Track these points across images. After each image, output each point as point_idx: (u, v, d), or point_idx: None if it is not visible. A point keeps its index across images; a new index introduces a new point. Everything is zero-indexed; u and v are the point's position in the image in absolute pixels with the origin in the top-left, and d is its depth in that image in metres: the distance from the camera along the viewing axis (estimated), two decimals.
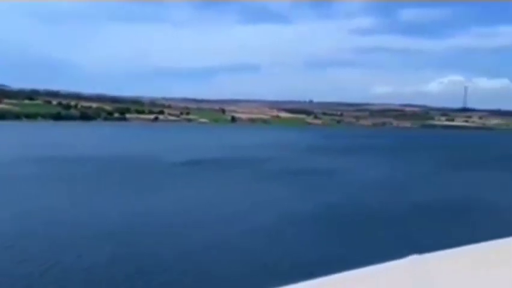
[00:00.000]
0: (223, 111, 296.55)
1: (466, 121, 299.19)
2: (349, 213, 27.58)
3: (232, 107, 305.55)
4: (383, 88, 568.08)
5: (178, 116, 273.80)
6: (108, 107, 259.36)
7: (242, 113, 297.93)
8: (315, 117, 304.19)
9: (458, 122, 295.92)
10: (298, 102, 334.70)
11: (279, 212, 27.48)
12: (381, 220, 26.03)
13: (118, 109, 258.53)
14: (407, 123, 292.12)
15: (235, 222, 24.69)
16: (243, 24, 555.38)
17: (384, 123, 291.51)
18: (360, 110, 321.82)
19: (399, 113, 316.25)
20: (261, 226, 23.59)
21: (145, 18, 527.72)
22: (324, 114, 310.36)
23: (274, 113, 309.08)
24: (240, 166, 52.13)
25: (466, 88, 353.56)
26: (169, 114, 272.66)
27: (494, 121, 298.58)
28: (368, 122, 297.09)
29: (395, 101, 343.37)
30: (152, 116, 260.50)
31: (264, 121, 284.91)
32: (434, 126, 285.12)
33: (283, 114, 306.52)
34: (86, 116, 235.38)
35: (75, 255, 17.59)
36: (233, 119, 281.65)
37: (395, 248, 16.64)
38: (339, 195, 34.25)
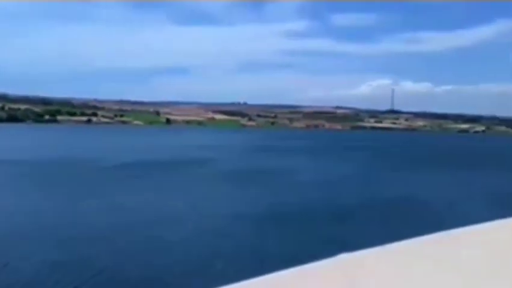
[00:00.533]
0: (158, 113, 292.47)
1: (394, 123, 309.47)
2: (285, 213, 27.88)
3: (167, 109, 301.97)
4: (316, 91, 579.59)
5: (112, 118, 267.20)
6: (37, 109, 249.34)
7: (177, 115, 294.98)
8: (250, 119, 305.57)
9: (386, 124, 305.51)
10: (233, 104, 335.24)
11: (214, 212, 27.52)
12: (315, 219, 26.50)
13: (48, 111, 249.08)
14: (338, 125, 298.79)
15: (175, 223, 24.49)
16: (177, 26, 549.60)
17: (317, 125, 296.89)
18: (294, 112, 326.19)
19: (331, 115, 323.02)
20: (198, 227, 23.51)
21: (75, 18, 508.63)
22: (259, 116, 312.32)
23: (210, 115, 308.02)
24: (179, 168, 51.60)
25: (393, 91, 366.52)
26: (103, 116, 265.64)
27: (419, 123, 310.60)
28: (301, 124, 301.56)
29: (327, 103, 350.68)
30: (85, 118, 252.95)
31: (200, 123, 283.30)
32: (364, 127, 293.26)
33: (218, 116, 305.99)
34: (14, 118, 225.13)
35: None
36: (168, 121, 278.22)
37: (326, 246, 16.97)
38: (275, 195, 34.59)
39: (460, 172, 56.60)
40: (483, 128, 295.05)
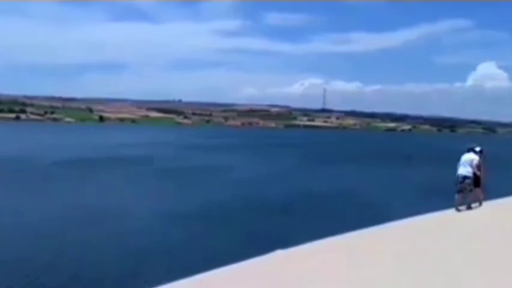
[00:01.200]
0: (91, 110, 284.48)
1: (325, 121, 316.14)
2: (220, 210, 27.90)
3: (100, 106, 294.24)
4: (250, 89, 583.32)
5: (42, 115, 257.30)
6: None
7: (110, 112, 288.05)
8: (185, 117, 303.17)
9: (318, 122, 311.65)
10: (168, 101, 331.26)
11: (146, 210, 27.15)
12: (251, 215, 26.67)
13: None
14: (272, 123, 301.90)
15: (106, 222, 23.89)
16: (109, 22, 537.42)
17: (251, 123, 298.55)
18: (229, 110, 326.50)
19: (265, 113, 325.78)
20: (131, 226, 23.10)
21: (4, 12, 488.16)
22: (194, 114, 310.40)
23: (144, 112, 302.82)
24: (112, 166, 50.42)
25: (324, 90, 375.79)
26: (32, 113, 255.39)
27: (349, 121, 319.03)
28: (236, 122, 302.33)
29: (262, 101, 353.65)
30: (13, 115, 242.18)
31: (133, 121, 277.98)
32: (297, 125, 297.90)
33: (153, 114, 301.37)
34: None
35: None
36: (101, 119, 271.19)
37: (261, 243, 17.13)
38: (210, 193, 34.50)
39: (388, 167, 58.70)
40: (409, 126, 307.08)
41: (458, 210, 13.93)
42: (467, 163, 13.82)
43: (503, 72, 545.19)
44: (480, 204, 14.11)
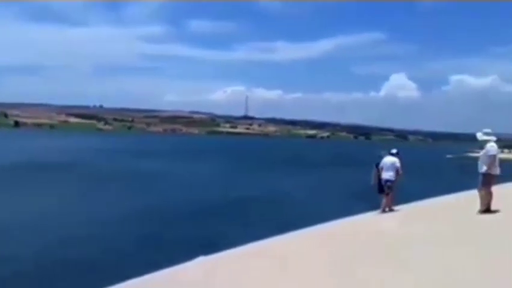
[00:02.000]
0: (5, 115, 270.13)
1: (248, 128, 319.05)
2: (143, 216, 27.23)
3: (16, 111, 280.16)
4: (173, 96, 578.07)
5: None
6: None
7: (27, 117, 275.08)
8: (106, 123, 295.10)
9: (241, 129, 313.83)
10: (88, 107, 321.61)
11: (69, 217, 26.02)
12: (174, 222, 26.20)
13: None
14: (195, 130, 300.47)
15: (27, 230, 22.64)
16: (26, 25, 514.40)
17: (174, 130, 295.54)
18: (151, 116, 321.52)
19: (189, 120, 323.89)
20: (53, 233, 22.03)
21: None
22: (116, 120, 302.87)
23: (63, 117, 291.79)
24: (27, 172, 47.91)
25: (247, 98, 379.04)
26: None
27: (271, 128, 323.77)
28: (158, 128, 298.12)
29: (184, 108, 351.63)
30: None
31: (52, 126, 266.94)
32: (220, 132, 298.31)
33: (72, 120, 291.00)
34: None
35: None
36: (16, 124, 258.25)
37: (185, 249, 16.82)
38: (132, 199, 33.71)
39: (310, 172, 60.03)
40: (328, 133, 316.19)
41: (384, 211, 14.37)
42: (390, 166, 14.22)
43: (413, 83, 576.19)
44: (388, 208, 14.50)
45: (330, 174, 59.36)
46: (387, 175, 14.19)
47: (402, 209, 14.59)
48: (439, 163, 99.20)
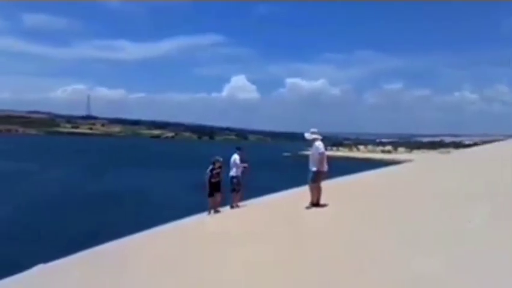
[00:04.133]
0: None
1: (91, 128, 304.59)
2: None
3: None
4: (6, 93, 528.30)
5: None
6: None
7: None
8: None
9: (83, 129, 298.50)
10: None
11: None
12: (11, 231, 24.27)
13: None
14: (33, 130, 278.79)
15: None
16: None
17: (9, 130, 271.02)
18: None
19: (26, 120, 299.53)
20: None
21: None
22: None
23: None
24: None
25: (88, 97, 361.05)
26: None
27: (115, 128, 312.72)
28: None
29: (20, 107, 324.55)
30: None
31: None
32: (61, 133, 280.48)
33: None
34: None
35: None
36: None
37: (23, 258, 15.58)
38: None
39: (157, 171, 59.29)
40: (172, 134, 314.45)
41: (233, 207, 14.66)
42: (232, 164, 14.54)
43: (252, 85, 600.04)
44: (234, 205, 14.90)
45: (181, 172, 59.30)
46: (231, 172, 14.55)
47: (244, 206, 15.07)
48: (277, 161, 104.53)
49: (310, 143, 12.18)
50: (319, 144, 12.03)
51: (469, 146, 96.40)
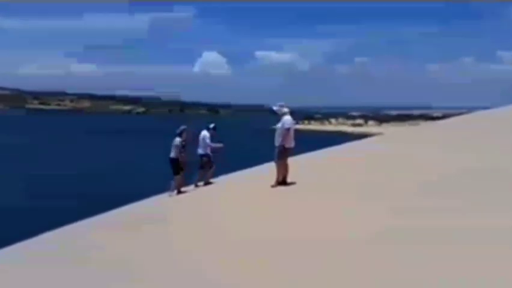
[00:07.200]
0: None
1: (59, 104, 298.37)
2: None
3: None
4: None
5: None
6: None
7: None
8: None
9: (52, 106, 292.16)
10: None
11: None
12: None
13: None
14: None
15: None
16: None
17: None
18: None
19: None
20: None
21: None
22: None
23: None
24: None
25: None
26: None
27: (85, 104, 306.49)
28: None
29: None
30: None
31: None
32: (29, 109, 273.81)
33: None
34: None
35: None
36: None
37: None
38: None
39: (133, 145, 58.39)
40: (143, 109, 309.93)
41: (197, 186, 14.13)
42: (201, 141, 13.94)
43: (223, 58, 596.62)
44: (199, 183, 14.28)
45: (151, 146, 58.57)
46: (200, 150, 13.99)
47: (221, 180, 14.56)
48: (248, 135, 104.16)
49: (278, 117, 11.71)
50: (287, 118, 11.53)
51: (437, 118, 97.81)
